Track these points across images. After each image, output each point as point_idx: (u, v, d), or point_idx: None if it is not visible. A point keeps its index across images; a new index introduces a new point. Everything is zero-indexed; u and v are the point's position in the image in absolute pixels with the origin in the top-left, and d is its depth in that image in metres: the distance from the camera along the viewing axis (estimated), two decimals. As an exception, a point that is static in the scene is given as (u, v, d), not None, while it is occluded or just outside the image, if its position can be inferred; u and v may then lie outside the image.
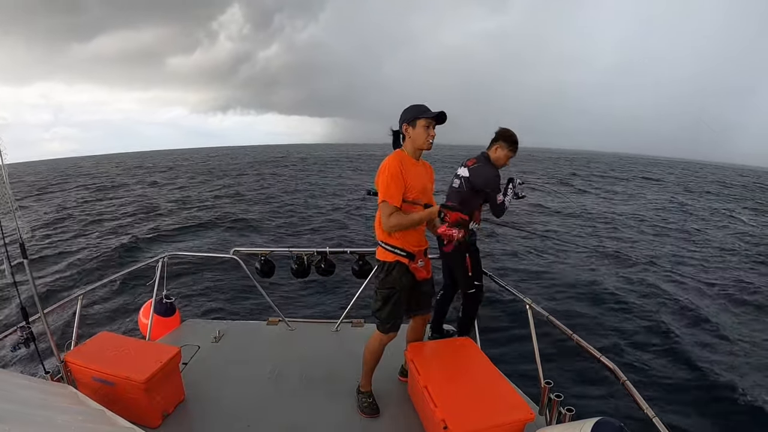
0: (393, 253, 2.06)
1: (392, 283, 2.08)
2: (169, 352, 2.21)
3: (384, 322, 2.13)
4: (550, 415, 1.95)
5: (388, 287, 2.09)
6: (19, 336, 1.96)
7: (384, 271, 2.09)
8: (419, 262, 2.10)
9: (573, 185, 24.88)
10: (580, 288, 7.37)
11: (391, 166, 1.95)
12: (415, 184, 1.99)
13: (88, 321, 5.65)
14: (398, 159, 1.98)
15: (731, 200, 22.19)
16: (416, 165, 2.05)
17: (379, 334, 2.17)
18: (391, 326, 2.13)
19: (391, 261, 2.07)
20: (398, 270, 2.07)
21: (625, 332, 5.69)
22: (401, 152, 2.04)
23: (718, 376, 4.65)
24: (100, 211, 15.46)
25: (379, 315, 2.14)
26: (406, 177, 1.95)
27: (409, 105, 2.02)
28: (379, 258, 2.13)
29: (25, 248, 1.86)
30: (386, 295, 2.10)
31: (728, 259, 9.95)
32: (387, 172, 1.94)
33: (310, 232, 11.85)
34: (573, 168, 41.54)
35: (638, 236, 11.84)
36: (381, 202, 1.96)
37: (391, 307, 2.10)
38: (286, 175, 30.06)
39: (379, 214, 2.01)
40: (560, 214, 14.54)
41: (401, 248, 2.05)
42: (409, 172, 1.97)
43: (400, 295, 2.11)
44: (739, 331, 5.91)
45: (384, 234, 2.06)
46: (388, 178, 1.93)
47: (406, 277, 2.09)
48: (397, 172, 1.93)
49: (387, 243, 2.07)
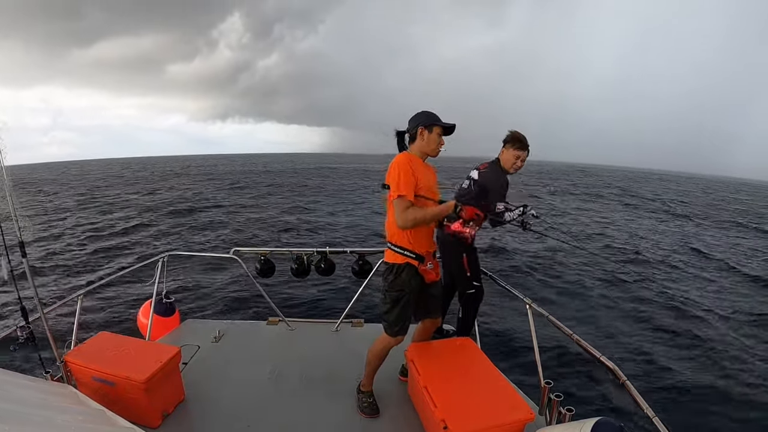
0: (402, 255, 2.04)
1: (401, 285, 2.05)
2: (169, 352, 2.21)
3: (392, 325, 2.10)
4: (550, 415, 1.94)
5: (397, 290, 2.06)
6: (19, 336, 1.95)
7: (393, 274, 2.07)
8: (428, 264, 2.08)
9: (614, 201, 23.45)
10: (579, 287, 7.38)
11: (401, 163, 1.97)
12: (425, 182, 2.00)
13: (88, 321, 5.64)
14: (408, 157, 2.01)
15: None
16: (423, 166, 2.08)
17: (386, 337, 2.14)
18: (400, 329, 2.11)
19: (401, 263, 2.05)
20: (407, 272, 2.05)
21: (625, 331, 5.69)
22: (409, 153, 2.07)
23: (719, 377, 4.65)
24: (99, 213, 15.47)
25: (388, 318, 2.10)
26: (417, 175, 1.97)
27: (423, 110, 2.07)
28: (388, 260, 2.10)
29: (24, 248, 1.86)
30: (395, 298, 2.07)
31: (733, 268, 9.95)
32: (398, 169, 1.95)
33: (309, 231, 11.86)
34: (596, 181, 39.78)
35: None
36: (395, 199, 1.94)
37: (400, 309, 2.08)
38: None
39: (391, 214, 2.00)
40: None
41: (410, 250, 2.03)
42: (418, 170, 1.99)
43: (410, 297, 2.08)
44: (740, 330, 5.92)
45: (395, 234, 2.05)
46: (399, 174, 1.93)
47: (416, 279, 2.07)
48: (408, 168, 1.95)
49: (396, 245, 2.05)
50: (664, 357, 5.04)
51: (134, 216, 14.51)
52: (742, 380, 4.61)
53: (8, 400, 1.38)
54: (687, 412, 4.04)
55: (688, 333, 5.74)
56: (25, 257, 1.87)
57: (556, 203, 20.81)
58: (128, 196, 21.03)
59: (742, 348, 5.37)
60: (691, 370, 4.79)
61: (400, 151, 2.12)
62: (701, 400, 4.22)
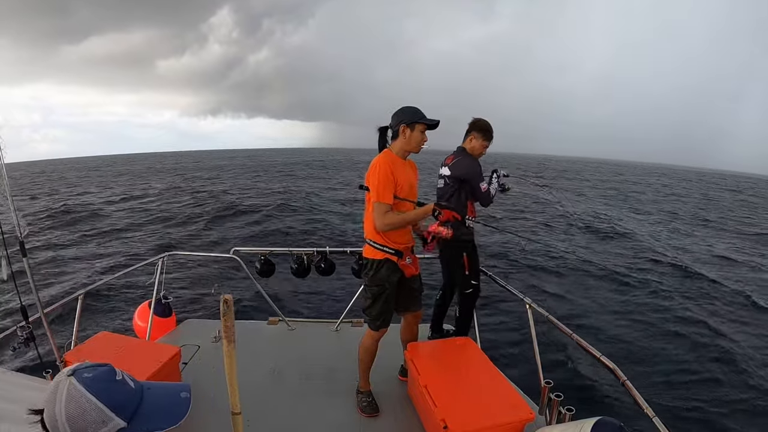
0: (381, 251, 2.09)
1: (381, 280, 2.11)
2: (169, 352, 2.21)
3: (374, 320, 2.17)
4: (550, 415, 1.95)
5: (377, 284, 2.12)
6: (19, 335, 1.96)
7: (373, 269, 2.12)
8: (407, 259, 2.14)
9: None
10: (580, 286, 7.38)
11: (382, 167, 1.99)
12: (404, 182, 2.03)
13: (88, 320, 5.64)
14: (388, 159, 2.03)
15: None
16: (404, 164, 2.10)
17: (371, 331, 2.21)
18: (381, 323, 2.17)
19: (380, 259, 2.10)
20: (387, 267, 2.10)
21: (625, 331, 5.69)
22: (389, 152, 2.08)
23: (719, 377, 4.65)
24: (100, 210, 15.47)
25: (369, 312, 2.18)
26: (396, 176, 2.00)
27: (405, 106, 2.05)
28: (367, 256, 2.15)
29: (24, 247, 1.86)
30: (376, 293, 2.13)
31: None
32: (378, 173, 1.98)
33: (309, 232, 11.85)
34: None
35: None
36: (374, 203, 1.99)
37: (381, 304, 2.14)
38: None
39: (369, 212, 2.05)
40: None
41: (389, 246, 2.09)
42: (398, 171, 2.02)
43: (390, 292, 2.14)
44: (741, 330, 5.92)
45: (372, 232, 2.09)
46: (379, 179, 1.97)
47: (395, 274, 2.12)
48: (388, 172, 1.98)
49: (375, 241, 2.09)
50: (664, 357, 5.04)
51: (136, 215, 14.52)
52: (743, 380, 4.61)
53: (8, 400, 1.38)
54: (687, 412, 4.04)
55: (689, 333, 5.73)
56: (26, 257, 1.88)
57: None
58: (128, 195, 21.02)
59: (743, 348, 5.37)
60: (691, 370, 4.79)
61: (380, 149, 2.12)
62: (701, 401, 4.22)
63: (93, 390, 0.69)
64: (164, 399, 0.80)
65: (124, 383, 0.75)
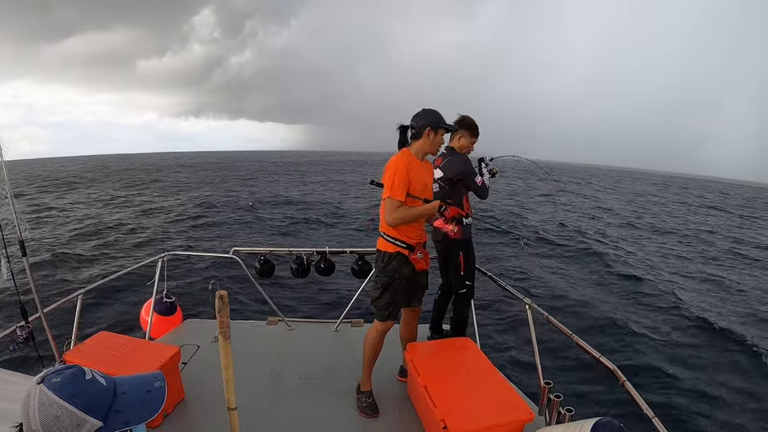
0: (394, 245, 2.15)
1: (392, 271, 2.16)
2: (168, 352, 2.21)
3: (382, 310, 2.20)
4: (550, 416, 1.94)
5: (387, 275, 2.17)
6: (19, 335, 1.96)
7: (384, 261, 2.18)
8: (418, 253, 2.19)
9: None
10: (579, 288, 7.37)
11: (398, 165, 2.06)
12: (418, 182, 2.10)
13: (88, 320, 5.64)
14: (406, 159, 2.10)
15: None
16: (420, 165, 2.16)
17: (378, 323, 2.23)
18: (389, 314, 2.21)
19: (392, 252, 2.16)
20: (398, 260, 2.16)
21: (625, 332, 5.68)
22: (408, 152, 2.14)
23: (719, 377, 4.65)
24: (100, 211, 15.47)
25: (378, 303, 2.21)
26: (411, 175, 2.06)
27: (428, 109, 2.13)
28: (380, 248, 2.21)
29: (24, 247, 1.86)
30: (386, 283, 2.18)
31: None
32: (394, 170, 2.05)
33: (309, 231, 11.85)
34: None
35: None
36: (386, 198, 2.06)
37: (390, 294, 2.18)
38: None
39: (383, 207, 2.11)
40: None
41: (401, 240, 2.15)
42: (413, 171, 2.08)
43: (400, 283, 2.18)
44: (742, 330, 5.91)
45: (386, 226, 2.15)
46: (393, 176, 2.04)
47: (406, 267, 2.17)
48: (404, 170, 2.05)
49: (389, 234, 2.16)
50: (664, 357, 5.04)
51: (136, 215, 14.50)
52: (743, 380, 4.61)
53: (8, 399, 1.38)
54: (687, 412, 4.03)
55: (688, 333, 5.74)
56: (25, 256, 1.88)
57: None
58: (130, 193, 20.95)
59: (743, 348, 5.37)
60: (691, 370, 4.79)
61: (400, 147, 2.19)
62: (701, 401, 4.22)
63: (64, 394, 0.69)
64: (138, 392, 0.79)
65: (94, 382, 0.74)
